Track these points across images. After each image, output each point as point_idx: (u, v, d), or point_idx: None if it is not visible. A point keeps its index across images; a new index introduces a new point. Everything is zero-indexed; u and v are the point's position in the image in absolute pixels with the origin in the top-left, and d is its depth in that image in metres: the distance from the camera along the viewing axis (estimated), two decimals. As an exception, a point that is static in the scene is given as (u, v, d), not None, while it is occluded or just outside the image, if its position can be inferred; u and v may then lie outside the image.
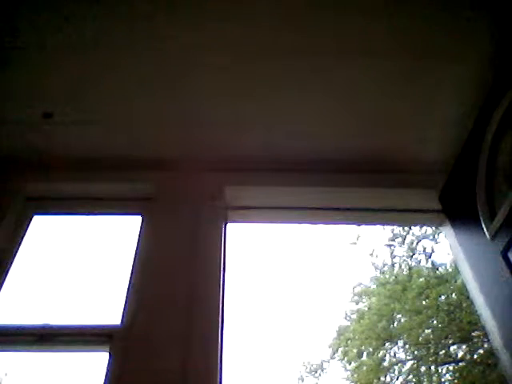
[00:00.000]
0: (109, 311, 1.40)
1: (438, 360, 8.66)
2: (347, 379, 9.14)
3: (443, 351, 8.70)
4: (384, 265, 9.60)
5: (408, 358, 8.90)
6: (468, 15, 1.28)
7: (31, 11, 1.26)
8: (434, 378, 8.71)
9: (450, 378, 8.71)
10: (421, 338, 8.75)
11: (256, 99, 1.48)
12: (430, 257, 9.35)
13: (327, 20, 1.29)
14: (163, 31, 1.31)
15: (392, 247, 9.53)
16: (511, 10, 1.25)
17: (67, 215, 1.67)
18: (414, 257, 9.47)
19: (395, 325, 9.04)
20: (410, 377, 8.74)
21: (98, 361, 1.24)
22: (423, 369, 8.76)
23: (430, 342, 8.72)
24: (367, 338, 8.91)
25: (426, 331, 8.88)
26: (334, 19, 1.29)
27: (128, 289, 1.34)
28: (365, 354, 8.95)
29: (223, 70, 1.39)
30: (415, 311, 8.79)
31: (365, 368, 8.76)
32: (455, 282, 8.72)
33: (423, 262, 9.43)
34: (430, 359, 8.65)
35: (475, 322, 7.99)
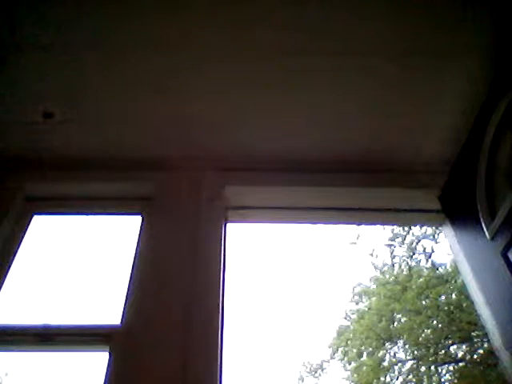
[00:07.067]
0: (109, 311, 1.40)
1: (438, 360, 8.66)
2: (347, 379, 9.14)
3: (443, 351, 8.70)
4: (384, 265, 9.60)
5: (408, 357, 8.90)
6: (468, 15, 1.28)
7: (31, 11, 1.26)
8: (434, 378, 8.71)
9: (449, 377, 8.71)
10: (421, 338, 8.75)
11: (255, 99, 1.47)
12: (430, 257, 9.36)
13: (326, 20, 1.29)
14: (163, 32, 1.31)
15: (392, 247, 9.53)
16: (511, 9, 1.25)
17: (67, 215, 1.66)
18: (414, 257, 9.47)
19: (395, 325, 9.04)
20: (410, 377, 8.74)
21: (98, 361, 1.24)
22: (423, 369, 8.76)
23: (429, 342, 8.72)
24: (367, 338, 8.91)
25: (426, 331, 8.88)
26: (334, 19, 1.29)
27: (128, 289, 1.34)
28: (365, 354, 8.96)
29: (222, 71, 1.39)
30: (415, 311, 8.79)
31: (365, 368, 8.76)
32: (455, 282, 8.72)
33: (423, 262, 9.44)
34: (430, 359, 8.65)
35: (475, 322, 7.99)
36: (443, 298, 8.92)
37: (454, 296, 8.84)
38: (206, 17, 1.28)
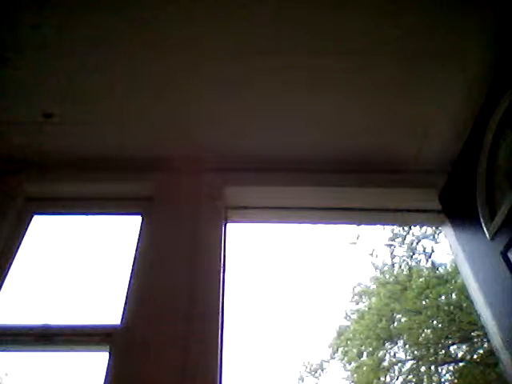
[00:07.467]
0: (109, 311, 1.40)
1: (438, 360, 8.66)
2: (347, 379, 9.15)
3: (443, 351, 8.70)
4: (384, 265, 9.60)
5: (408, 357, 8.90)
6: (468, 16, 1.28)
7: (31, 11, 1.26)
8: (434, 378, 8.71)
9: (449, 377, 8.71)
10: (421, 338, 8.75)
11: (256, 100, 1.47)
12: (430, 257, 9.36)
13: (327, 20, 1.29)
14: (163, 32, 1.31)
15: (392, 247, 9.53)
16: (511, 9, 1.25)
17: (67, 215, 1.67)
18: (414, 257, 9.47)
19: (395, 325, 9.04)
20: (410, 377, 8.74)
21: (98, 361, 1.24)
22: (423, 369, 8.76)
23: (429, 342, 8.72)
24: (367, 338, 8.91)
25: (426, 331, 8.87)
26: (334, 19, 1.29)
27: (128, 289, 1.34)
28: (365, 354, 8.95)
29: (223, 71, 1.39)
30: (415, 311, 8.78)
31: (365, 368, 8.76)
32: (455, 282, 8.71)
33: (423, 262, 9.44)
34: (430, 359, 8.65)
35: (475, 322, 7.99)
36: (443, 298, 8.91)
37: (454, 296, 8.84)
38: (207, 16, 1.28)
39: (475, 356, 8.56)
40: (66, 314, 1.42)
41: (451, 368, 8.78)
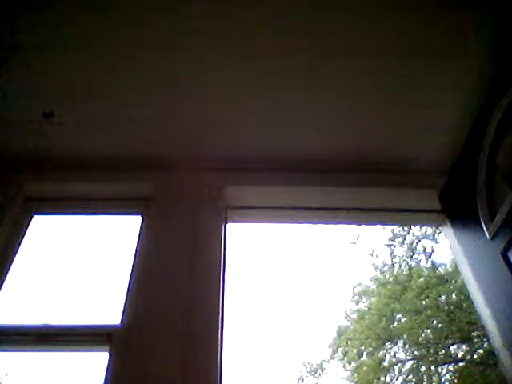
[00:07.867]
0: (109, 311, 1.39)
1: (438, 360, 8.65)
2: (347, 379, 9.14)
3: (443, 351, 8.70)
4: (384, 265, 9.60)
5: (408, 357, 8.90)
6: (468, 15, 1.28)
7: (31, 11, 1.26)
8: (434, 378, 8.70)
9: (449, 377, 8.71)
10: (421, 338, 8.75)
11: (256, 99, 1.48)
12: (430, 257, 9.35)
13: (327, 20, 1.29)
14: (164, 32, 1.31)
15: (392, 247, 9.52)
16: (511, 9, 1.25)
17: (67, 215, 1.67)
18: (414, 257, 9.46)
19: (395, 325, 9.04)
20: (410, 377, 8.74)
21: (98, 361, 1.24)
22: (423, 369, 8.75)
23: (429, 342, 8.72)
24: (367, 338, 8.90)
25: (426, 331, 8.87)
26: (334, 19, 1.29)
27: (128, 289, 1.34)
28: (365, 354, 8.95)
29: (223, 71, 1.39)
30: (415, 311, 8.78)
31: (365, 368, 8.75)
32: (455, 282, 8.71)
33: (423, 262, 9.43)
34: (430, 359, 8.64)
35: (475, 322, 7.98)
36: (443, 297, 8.91)
37: (454, 296, 8.84)
38: (207, 16, 1.28)
39: (475, 356, 8.56)
40: (66, 313, 1.42)
41: (451, 368, 8.78)
